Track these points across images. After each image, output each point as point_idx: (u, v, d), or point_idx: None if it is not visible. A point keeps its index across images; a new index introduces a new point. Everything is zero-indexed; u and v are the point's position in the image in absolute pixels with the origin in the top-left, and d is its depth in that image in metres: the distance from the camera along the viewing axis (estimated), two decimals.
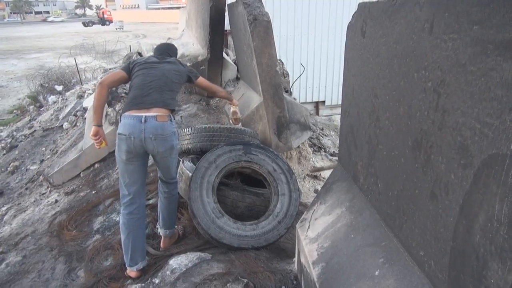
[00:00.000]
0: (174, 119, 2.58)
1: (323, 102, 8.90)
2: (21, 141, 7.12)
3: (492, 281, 0.92)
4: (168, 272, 2.25)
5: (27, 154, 6.36)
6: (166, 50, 2.91)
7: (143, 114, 2.42)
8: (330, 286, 1.59)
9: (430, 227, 1.20)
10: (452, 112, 1.06)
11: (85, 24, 40.40)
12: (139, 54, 7.27)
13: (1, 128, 9.05)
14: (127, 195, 2.52)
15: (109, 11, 42.95)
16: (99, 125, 2.55)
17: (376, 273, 1.43)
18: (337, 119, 8.56)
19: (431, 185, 1.19)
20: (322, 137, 6.95)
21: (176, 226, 2.89)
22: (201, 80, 2.93)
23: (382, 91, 1.53)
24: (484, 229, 0.95)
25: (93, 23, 41.60)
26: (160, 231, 2.78)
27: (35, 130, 7.31)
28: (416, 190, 1.28)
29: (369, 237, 1.60)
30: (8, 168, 6.05)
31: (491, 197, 0.91)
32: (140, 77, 2.60)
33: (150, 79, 2.58)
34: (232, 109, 3.28)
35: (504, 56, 0.86)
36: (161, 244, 2.79)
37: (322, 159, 5.65)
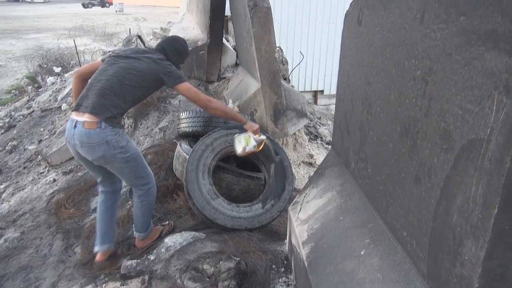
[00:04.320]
0: (113, 125, 2.25)
1: (322, 91, 8.93)
2: (19, 121, 7.13)
3: (466, 257, 0.99)
4: (163, 250, 2.32)
5: (25, 134, 6.39)
6: (162, 43, 2.61)
7: (76, 118, 2.23)
8: (318, 265, 1.66)
9: (414, 209, 1.26)
10: (437, 99, 1.11)
11: (85, 6, 40.02)
12: (139, 37, 7.24)
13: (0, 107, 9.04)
14: (97, 183, 2.51)
15: None
16: None
17: (362, 253, 1.50)
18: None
19: (416, 169, 1.24)
20: (319, 126, 7.00)
21: (165, 223, 2.79)
22: (184, 87, 2.40)
23: (375, 79, 1.58)
24: (461, 210, 1.01)
25: (93, 5, 41.16)
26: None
27: (33, 111, 7.32)
28: (402, 174, 1.34)
29: (357, 219, 1.67)
30: (6, 147, 6.08)
31: (469, 179, 0.97)
32: (95, 74, 2.38)
33: (99, 78, 2.32)
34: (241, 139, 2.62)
35: (486, 46, 0.90)
36: (136, 243, 2.67)
37: (318, 147, 5.71)
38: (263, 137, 2.59)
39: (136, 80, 2.31)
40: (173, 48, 2.60)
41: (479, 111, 0.93)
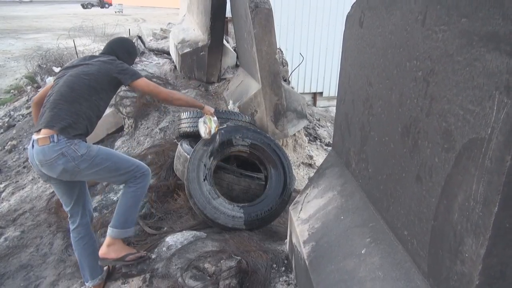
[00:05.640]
0: (69, 136, 2.12)
1: (321, 93, 8.96)
2: (18, 120, 7.14)
3: (466, 255, 1.00)
4: (164, 249, 2.34)
5: (25, 134, 6.39)
6: (111, 45, 2.54)
7: (34, 137, 2.15)
8: (319, 264, 1.68)
9: (415, 208, 1.28)
10: (439, 99, 1.13)
11: (84, 6, 40.09)
12: (140, 37, 7.26)
13: None
14: (67, 213, 2.40)
15: None
16: None
17: (362, 252, 1.52)
18: (334, 110, 8.60)
19: (417, 169, 1.26)
20: (318, 128, 7.03)
21: (141, 252, 2.36)
22: (141, 83, 2.33)
23: (376, 80, 1.59)
24: (462, 208, 1.02)
25: (92, 5, 41.21)
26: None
27: None
28: (403, 174, 1.36)
29: (358, 218, 1.68)
30: (6, 147, 6.08)
31: (470, 178, 0.99)
32: (49, 92, 2.31)
33: (51, 93, 2.26)
34: (202, 123, 2.67)
35: (487, 47, 0.92)
36: (100, 249, 2.34)
37: (317, 148, 5.73)
38: (216, 118, 2.72)
39: (88, 84, 2.22)
40: (124, 49, 2.55)
41: (480, 111, 0.95)
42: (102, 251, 2.31)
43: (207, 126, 2.64)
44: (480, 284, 0.96)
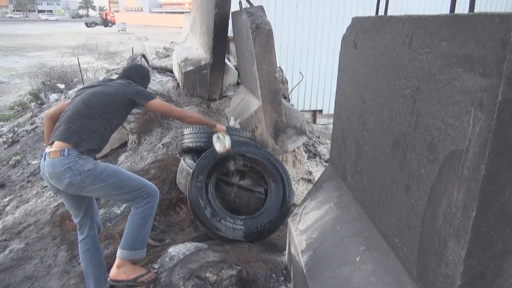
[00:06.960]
0: (82, 151, 2.21)
1: (321, 111, 9.10)
2: (22, 136, 7.26)
3: (450, 258, 1.09)
4: (167, 259, 2.40)
5: (29, 149, 6.50)
6: (128, 71, 2.76)
7: (47, 150, 2.25)
8: (316, 271, 1.75)
9: (404, 216, 1.37)
10: (424, 115, 1.24)
11: (88, 25, 40.91)
12: (143, 56, 7.45)
13: (2, 123, 9.16)
14: (76, 224, 2.48)
15: (112, 13, 43.60)
16: None
17: (357, 259, 1.60)
18: None
19: (406, 180, 1.36)
20: (318, 145, 7.13)
21: (151, 269, 2.42)
22: (156, 103, 2.49)
23: (369, 97, 1.70)
24: (445, 214, 1.11)
25: (96, 24, 42.07)
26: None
27: (37, 126, 7.45)
28: (394, 185, 1.45)
29: (353, 228, 1.77)
30: (10, 162, 6.18)
31: (451, 186, 1.08)
32: (67, 107, 2.43)
33: (67, 108, 2.38)
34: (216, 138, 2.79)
35: (464, 68, 1.03)
36: (111, 270, 2.41)
37: (317, 165, 5.82)
38: (229, 136, 2.85)
39: (104, 102, 2.35)
40: (139, 75, 2.75)
41: (459, 125, 1.05)
42: (113, 273, 2.37)
43: (222, 142, 2.78)
44: (462, 284, 1.05)
